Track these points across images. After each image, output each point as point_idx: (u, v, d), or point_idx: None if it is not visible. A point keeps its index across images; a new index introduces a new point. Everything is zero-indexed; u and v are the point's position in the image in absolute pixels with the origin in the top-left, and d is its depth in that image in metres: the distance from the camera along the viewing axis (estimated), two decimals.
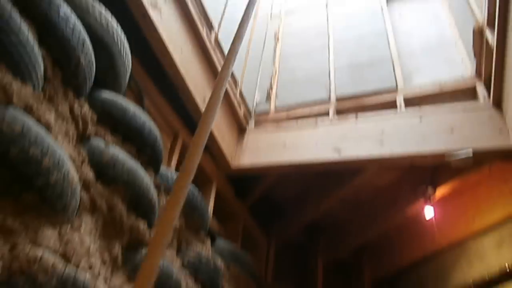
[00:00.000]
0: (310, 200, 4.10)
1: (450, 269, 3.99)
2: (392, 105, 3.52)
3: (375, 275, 4.66)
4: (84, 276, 1.36)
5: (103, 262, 1.62)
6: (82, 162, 1.71)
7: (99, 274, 1.52)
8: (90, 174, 1.73)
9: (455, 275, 3.92)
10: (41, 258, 1.24)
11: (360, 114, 3.45)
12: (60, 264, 1.29)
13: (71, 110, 1.80)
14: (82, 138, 1.85)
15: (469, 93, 3.38)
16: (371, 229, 4.31)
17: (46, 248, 1.29)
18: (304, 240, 4.53)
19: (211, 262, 2.48)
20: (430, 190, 3.75)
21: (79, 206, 1.58)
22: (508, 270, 3.46)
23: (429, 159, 3.11)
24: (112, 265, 1.68)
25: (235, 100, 3.54)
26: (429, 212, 3.77)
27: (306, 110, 3.78)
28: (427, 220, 3.83)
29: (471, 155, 2.88)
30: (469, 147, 2.91)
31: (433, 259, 4.18)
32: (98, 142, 1.88)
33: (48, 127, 1.55)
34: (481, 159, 3.10)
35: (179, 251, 2.32)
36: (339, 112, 3.65)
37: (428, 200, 3.75)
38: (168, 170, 2.50)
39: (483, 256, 3.72)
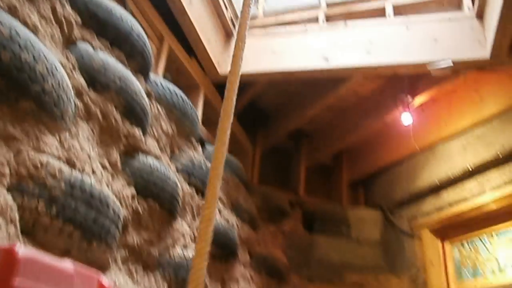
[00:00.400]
0: (295, 107, 4.18)
1: (419, 170, 4.28)
2: (381, 12, 3.46)
3: (353, 177, 4.97)
4: (90, 180, 1.41)
5: (104, 167, 1.67)
6: (72, 68, 1.67)
7: (101, 178, 1.58)
8: (81, 80, 1.70)
9: (424, 175, 4.22)
10: (47, 163, 1.27)
11: (349, 22, 3.38)
12: (66, 169, 1.33)
13: (54, 12, 1.70)
14: (68, 43, 1.77)
15: (456, 3, 3.36)
16: (351, 135, 4.50)
17: (50, 154, 1.32)
18: (288, 145, 4.72)
19: (203, 166, 2.58)
20: (409, 98, 3.88)
21: (74, 113, 1.57)
22: (469, 170, 3.76)
23: (412, 69, 3.24)
24: (112, 171, 1.73)
25: (222, 1, 3.37)
26: (406, 118, 3.95)
27: (296, 16, 3.67)
28: (403, 126, 4.03)
29: (451, 65, 2.99)
30: (449, 57, 3.00)
31: (405, 161, 4.46)
32: (85, 47, 1.81)
33: (35, 30, 1.48)
34: (459, 69, 3.24)
35: (172, 156, 2.39)
36: (329, 18, 3.56)
37: (406, 107, 3.91)
38: (156, 77, 2.47)
39: (450, 158, 3.99)
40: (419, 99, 3.89)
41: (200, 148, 2.77)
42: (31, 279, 0.55)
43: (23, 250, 0.57)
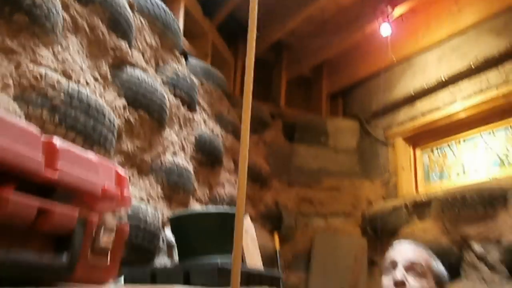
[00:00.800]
0: (275, 19, 4.13)
1: (396, 82, 4.42)
2: None
3: (332, 88, 5.10)
4: (86, 91, 1.50)
5: (95, 79, 1.75)
6: None
7: (95, 90, 1.67)
8: None
9: (400, 86, 4.37)
10: (45, 75, 1.35)
11: None
12: (63, 81, 1.41)
13: None
14: None
15: None
16: (331, 47, 4.53)
17: (47, 67, 1.39)
18: (270, 57, 4.75)
19: (187, 79, 2.65)
20: (389, 8, 3.89)
21: (63, 26, 1.60)
22: (442, 81, 3.92)
23: None
24: (103, 82, 1.81)
25: None
26: (385, 30, 3.99)
27: None
28: (382, 38, 4.09)
29: None
30: None
31: (382, 73, 4.57)
32: None
33: None
34: None
35: (157, 69, 2.45)
36: None
37: (386, 18, 3.93)
38: None
39: (425, 69, 4.11)
40: (399, 10, 3.91)
41: (183, 61, 2.82)
42: (69, 163, 0.69)
43: (59, 141, 0.70)
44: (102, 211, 0.77)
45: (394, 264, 1.31)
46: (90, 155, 0.76)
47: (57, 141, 0.69)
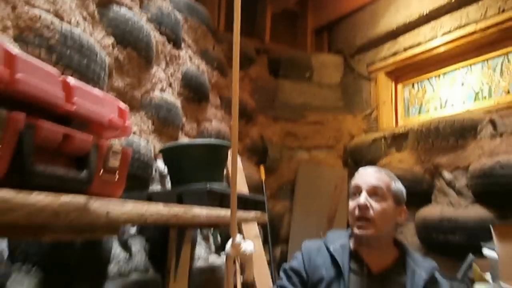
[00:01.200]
0: None
1: (379, 17, 4.46)
2: None
3: (317, 23, 5.10)
4: (78, 31, 1.58)
5: (84, 18, 1.81)
6: None
7: (85, 29, 1.74)
8: None
9: (384, 21, 4.41)
10: (40, 16, 1.42)
11: None
12: (56, 21, 1.48)
13: None
14: None
15: None
16: None
17: (40, 8, 1.46)
18: None
19: (171, 15, 2.68)
20: None
21: None
22: (425, 15, 3.98)
23: None
24: (91, 21, 1.87)
25: None
26: None
27: None
28: None
29: None
30: None
31: (367, 7, 4.59)
32: None
33: None
34: None
35: (142, 6, 2.47)
36: None
37: None
38: None
39: (409, 3, 4.14)
40: None
41: None
42: (81, 98, 0.83)
43: (71, 79, 0.83)
44: (109, 137, 0.91)
45: (358, 189, 1.44)
46: (97, 91, 0.90)
47: (71, 79, 0.82)
